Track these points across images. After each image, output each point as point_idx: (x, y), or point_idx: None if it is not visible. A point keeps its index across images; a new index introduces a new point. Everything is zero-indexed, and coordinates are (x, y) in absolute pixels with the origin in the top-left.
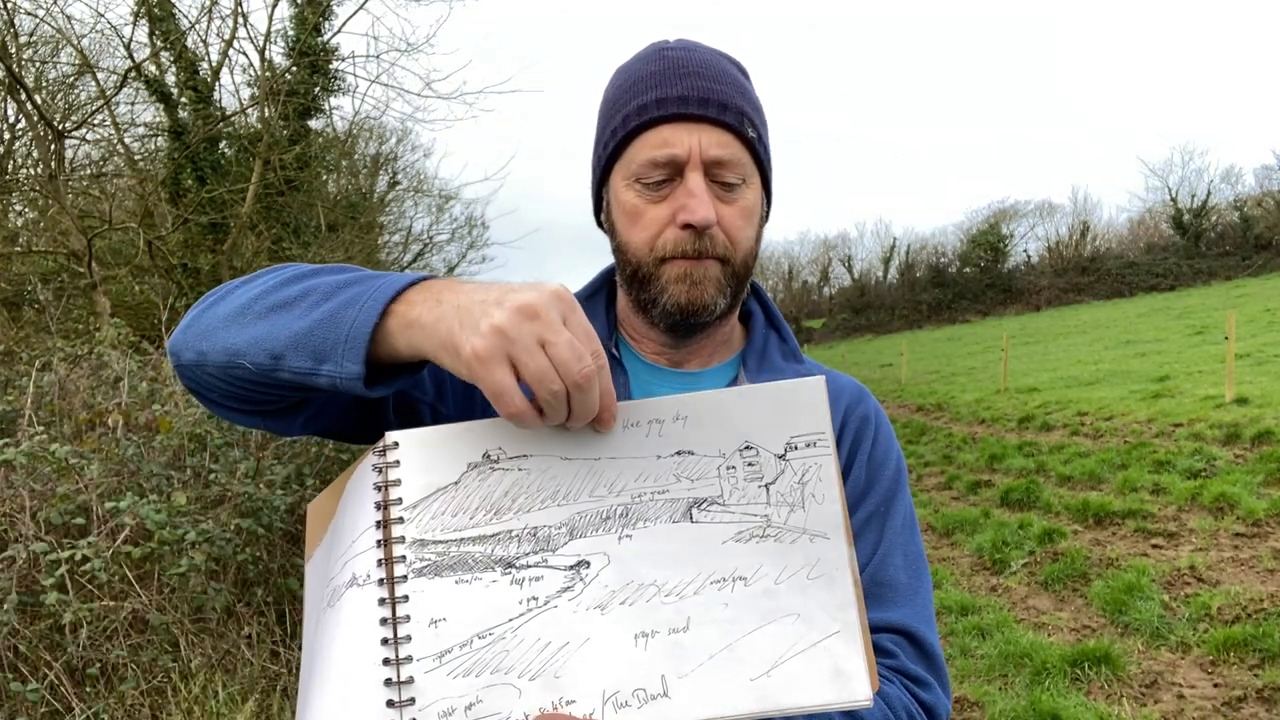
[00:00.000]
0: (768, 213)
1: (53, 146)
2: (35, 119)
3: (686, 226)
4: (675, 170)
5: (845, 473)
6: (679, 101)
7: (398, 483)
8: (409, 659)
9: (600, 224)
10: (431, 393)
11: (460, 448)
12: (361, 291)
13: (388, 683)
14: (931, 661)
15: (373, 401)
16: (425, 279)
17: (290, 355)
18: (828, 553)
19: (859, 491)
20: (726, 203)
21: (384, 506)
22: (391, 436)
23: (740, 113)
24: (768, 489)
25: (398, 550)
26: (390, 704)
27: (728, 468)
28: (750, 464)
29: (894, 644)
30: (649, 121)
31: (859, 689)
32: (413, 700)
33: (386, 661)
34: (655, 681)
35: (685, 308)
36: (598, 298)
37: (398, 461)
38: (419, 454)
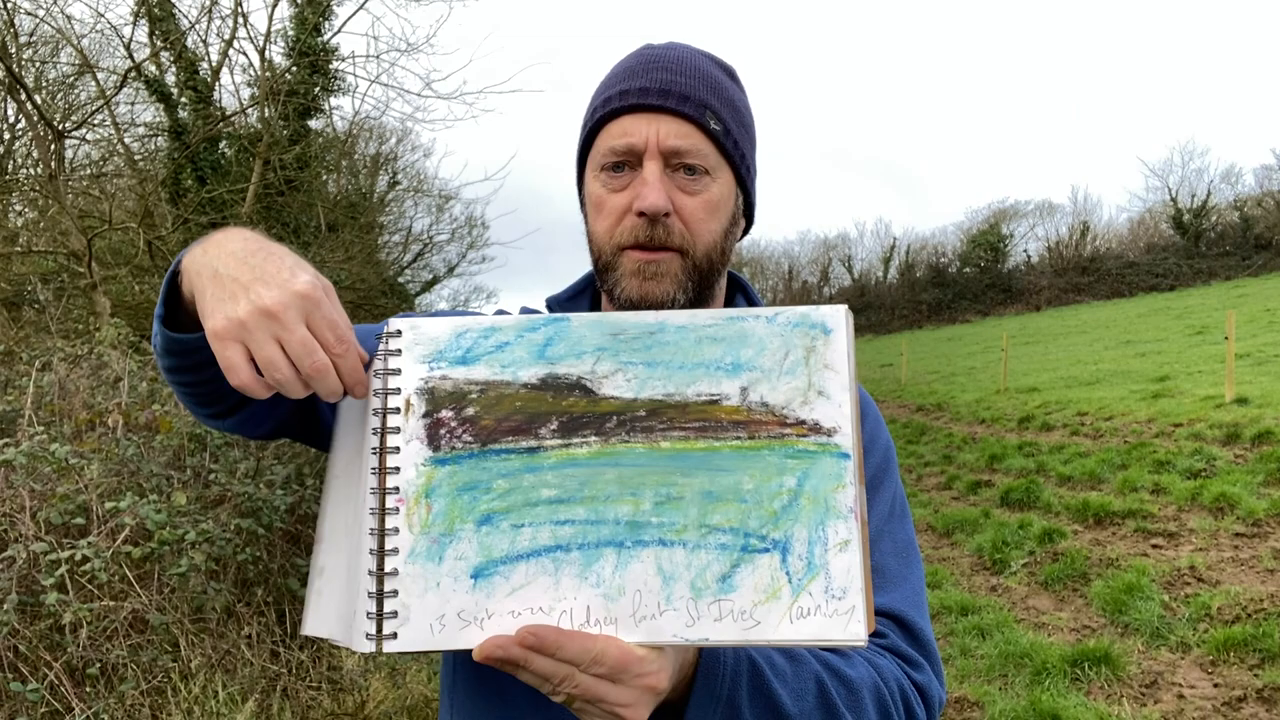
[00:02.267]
0: (750, 211)
1: (53, 146)
2: (35, 119)
3: (641, 214)
4: (636, 160)
5: None
6: (639, 93)
7: (397, 372)
8: (395, 551)
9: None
10: None
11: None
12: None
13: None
14: (924, 647)
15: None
16: (223, 228)
17: (157, 319)
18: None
19: None
20: (688, 193)
21: (383, 394)
22: (395, 324)
23: (703, 104)
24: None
25: (392, 440)
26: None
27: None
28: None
29: (884, 625)
30: (612, 113)
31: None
32: (395, 592)
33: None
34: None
35: (639, 302)
36: (581, 297)
37: (399, 351)
38: (423, 346)
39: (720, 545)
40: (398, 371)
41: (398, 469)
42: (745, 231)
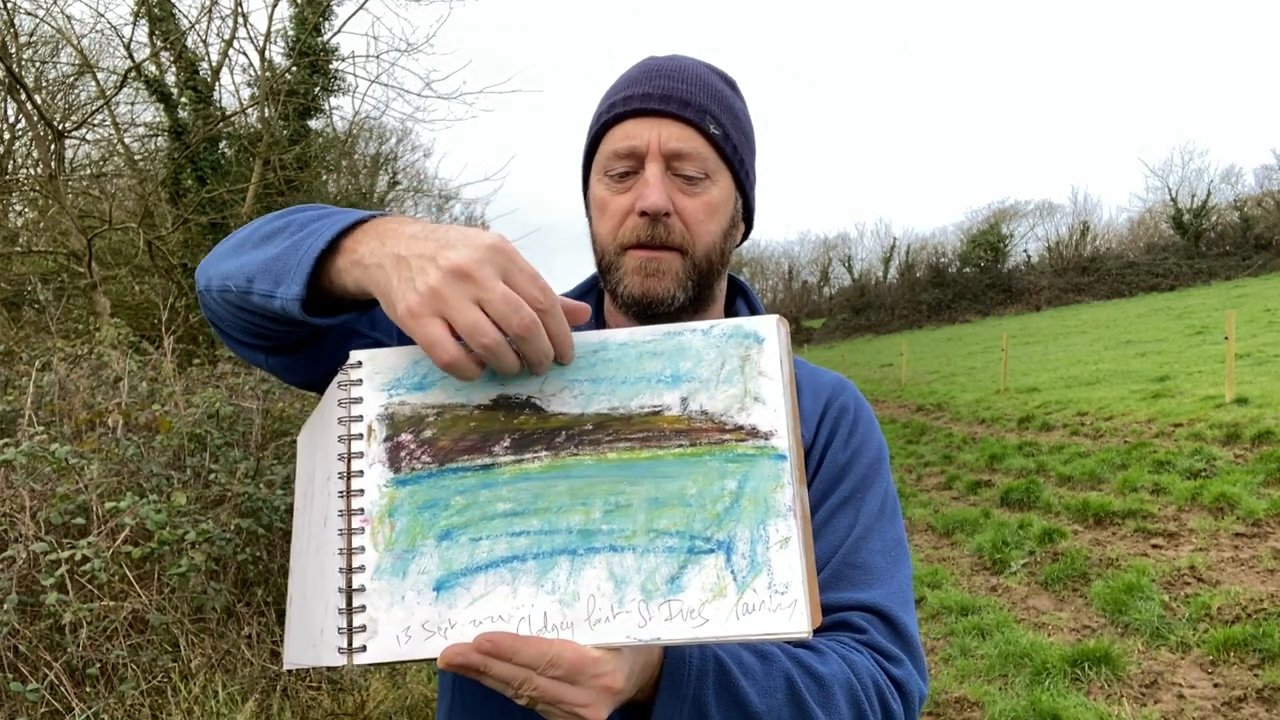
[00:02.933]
0: (749, 216)
1: (53, 146)
2: (35, 119)
3: (643, 214)
4: (638, 162)
5: (822, 457)
6: (642, 98)
7: (360, 400)
8: (361, 569)
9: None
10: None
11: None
12: (322, 225)
13: (341, 610)
14: (905, 642)
15: None
16: (376, 216)
17: (259, 279)
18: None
19: (835, 475)
20: (689, 195)
21: (347, 422)
22: (355, 355)
23: (703, 110)
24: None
25: (356, 465)
26: (340, 614)
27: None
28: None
29: (865, 621)
30: (616, 117)
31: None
32: (364, 607)
33: (340, 590)
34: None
35: (641, 299)
36: (588, 298)
37: (360, 381)
38: (382, 375)
39: (668, 548)
40: (360, 400)
41: (362, 491)
42: (745, 236)
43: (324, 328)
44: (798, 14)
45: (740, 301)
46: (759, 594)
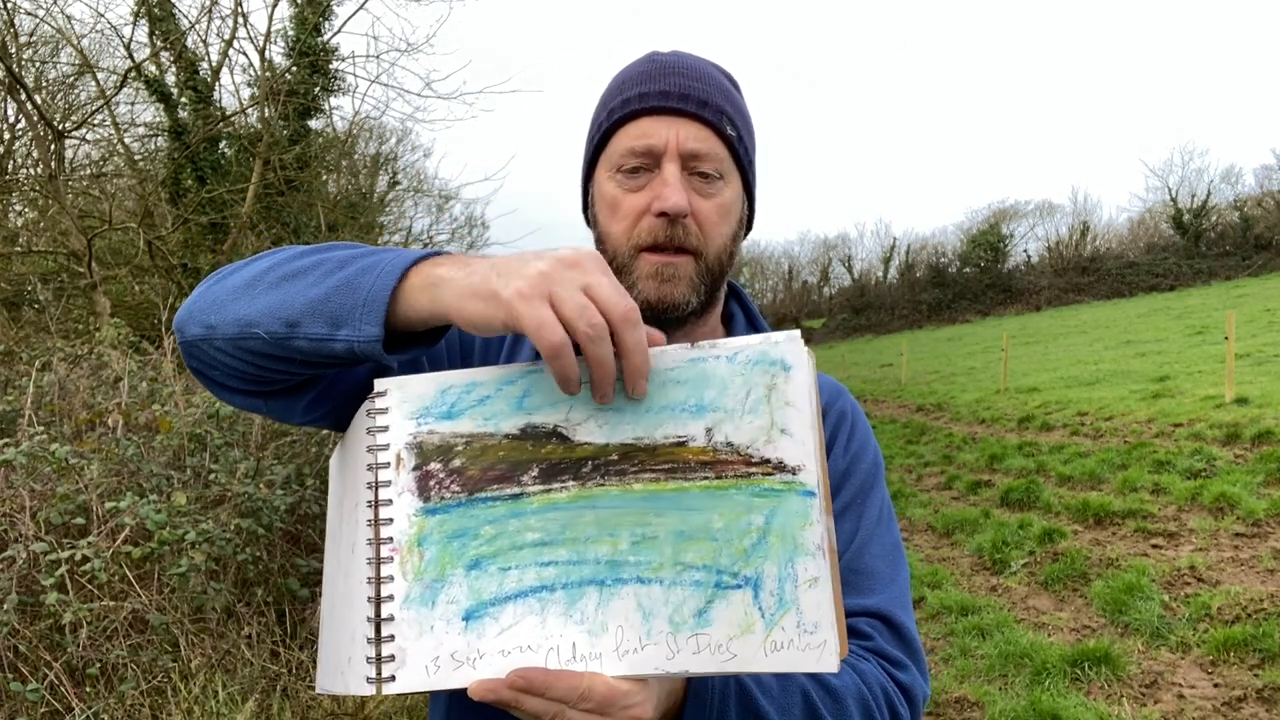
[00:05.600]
0: (750, 219)
1: (53, 146)
2: (35, 119)
3: (661, 214)
4: (653, 161)
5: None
6: (660, 95)
7: (386, 429)
8: (390, 598)
9: (587, 220)
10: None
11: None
12: (378, 260)
13: (371, 636)
14: (908, 645)
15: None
16: (440, 252)
17: (306, 322)
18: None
19: (835, 482)
20: (704, 196)
21: (375, 450)
22: (381, 385)
23: (720, 111)
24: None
25: (384, 494)
26: (368, 642)
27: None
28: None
29: (871, 627)
30: (631, 114)
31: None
32: (392, 638)
33: (370, 618)
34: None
35: (656, 304)
36: None
37: (387, 410)
38: (410, 404)
39: (695, 582)
40: (386, 429)
41: (391, 520)
42: (744, 236)
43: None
44: (798, 14)
45: (734, 304)
46: (787, 632)
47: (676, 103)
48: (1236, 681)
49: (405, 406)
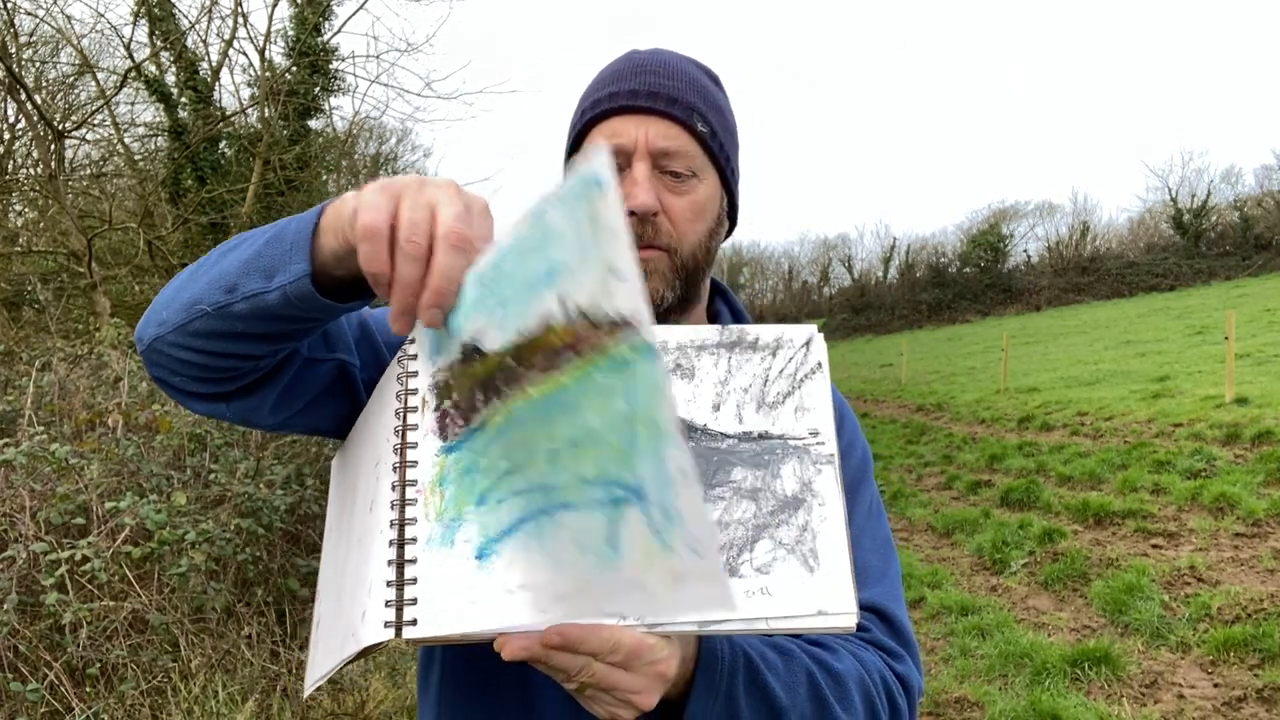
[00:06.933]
0: (733, 214)
1: (53, 146)
2: (35, 119)
3: (631, 213)
4: (625, 160)
5: None
6: (629, 95)
7: (415, 374)
8: (413, 540)
9: None
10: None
11: None
12: (307, 212)
13: (390, 576)
14: (903, 637)
15: (345, 390)
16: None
17: (243, 281)
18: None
19: None
20: (676, 194)
21: (404, 395)
22: (415, 331)
23: (690, 108)
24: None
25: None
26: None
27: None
28: None
29: (866, 620)
30: (603, 114)
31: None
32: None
33: (391, 543)
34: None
35: None
36: None
37: (415, 356)
38: (428, 346)
39: (595, 500)
40: (415, 374)
41: (416, 463)
42: (728, 233)
43: (283, 356)
44: (798, 14)
45: (720, 301)
46: (684, 559)
47: (645, 101)
48: (1236, 681)
49: (425, 348)
